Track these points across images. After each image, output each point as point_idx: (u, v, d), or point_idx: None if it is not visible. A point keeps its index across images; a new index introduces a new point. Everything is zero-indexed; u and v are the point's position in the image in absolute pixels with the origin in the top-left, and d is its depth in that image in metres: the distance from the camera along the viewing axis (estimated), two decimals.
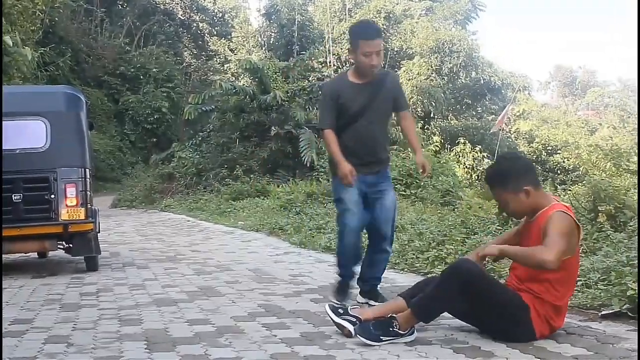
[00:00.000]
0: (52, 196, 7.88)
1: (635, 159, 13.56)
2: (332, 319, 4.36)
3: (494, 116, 35.27)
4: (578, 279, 5.06)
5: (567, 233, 3.86)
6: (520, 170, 4.10)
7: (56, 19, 33.39)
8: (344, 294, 5.27)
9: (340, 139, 5.06)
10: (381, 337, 3.98)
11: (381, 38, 5.10)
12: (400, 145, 21.54)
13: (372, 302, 5.16)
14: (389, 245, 5.31)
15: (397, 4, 35.19)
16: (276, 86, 23.32)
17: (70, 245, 8.33)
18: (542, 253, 3.78)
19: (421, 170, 5.06)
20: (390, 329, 4.00)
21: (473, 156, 30.20)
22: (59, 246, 8.45)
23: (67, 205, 7.89)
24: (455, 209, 10.88)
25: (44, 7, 22.94)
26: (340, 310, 4.44)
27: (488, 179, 4.25)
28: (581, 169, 14.98)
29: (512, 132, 35.17)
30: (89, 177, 8.19)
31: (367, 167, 5.08)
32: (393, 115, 5.35)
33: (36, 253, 9.76)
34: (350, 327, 4.18)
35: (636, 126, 16.68)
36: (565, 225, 3.89)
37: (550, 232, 3.83)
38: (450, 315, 4.40)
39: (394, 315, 4.08)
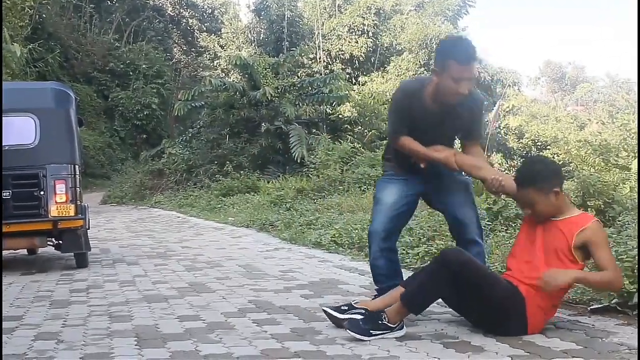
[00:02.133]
0: (42, 193, 7.86)
1: (624, 153, 13.63)
2: (337, 317, 4.27)
3: (483, 112, 35.30)
4: None
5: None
6: (552, 172, 4.14)
7: (44, 15, 33.24)
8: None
9: (393, 149, 4.63)
10: (371, 332, 3.98)
11: (477, 62, 4.44)
12: None
13: None
14: (478, 236, 4.68)
15: (387, 0, 35.20)
16: (266, 82, 23.32)
17: (60, 241, 8.32)
18: (617, 277, 3.92)
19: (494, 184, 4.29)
20: (380, 322, 4.01)
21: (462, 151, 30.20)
22: (48, 243, 8.44)
23: (56, 202, 7.87)
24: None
25: (32, 3, 22.89)
26: (344, 307, 4.35)
27: (521, 177, 4.17)
28: (571, 164, 15.00)
29: (501, 128, 35.23)
30: (78, 173, 8.17)
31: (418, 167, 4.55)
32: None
33: (25, 250, 9.74)
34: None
35: (624, 122, 16.75)
36: (606, 236, 4.11)
37: (602, 248, 3.94)
38: (441, 310, 4.41)
39: (383, 309, 4.10)
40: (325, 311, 4.40)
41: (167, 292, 6.10)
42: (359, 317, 4.12)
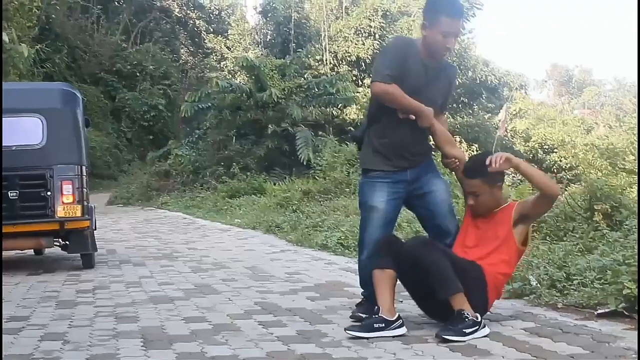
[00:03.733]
0: (49, 193, 7.86)
1: (632, 157, 13.59)
2: (375, 336, 4.03)
3: (490, 115, 35.29)
4: (574, 277, 5.09)
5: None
6: None
7: (53, 15, 33.34)
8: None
9: (379, 124, 4.53)
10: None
11: (463, 17, 4.66)
12: None
13: None
14: (452, 224, 4.65)
15: (394, 2, 35.17)
16: (273, 84, 23.33)
17: (67, 242, 8.34)
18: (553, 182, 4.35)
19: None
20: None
21: (469, 155, 30.15)
22: (55, 243, 8.46)
23: (63, 202, 7.87)
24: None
25: (40, 4, 22.94)
26: (378, 325, 4.07)
27: (472, 168, 4.38)
28: (578, 167, 14.99)
29: (508, 131, 35.21)
30: (85, 174, 8.17)
31: (408, 160, 4.51)
32: None
33: (32, 250, 9.76)
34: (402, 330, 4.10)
35: (632, 125, 16.71)
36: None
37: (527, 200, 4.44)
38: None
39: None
40: (353, 334, 4.11)
41: (173, 293, 6.11)
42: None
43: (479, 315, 4.03)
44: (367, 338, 4.00)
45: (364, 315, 4.46)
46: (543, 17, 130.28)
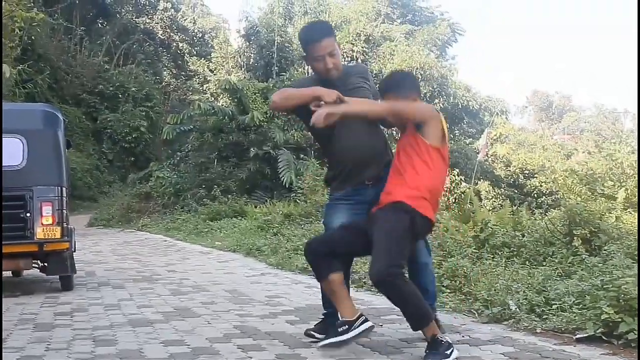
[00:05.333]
0: (28, 214, 7.81)
1: (610, 183, 13.72)
2: (344, 339, 4.06)
3: (471, 139, 35.48)
4: (553, 302, 5.12)
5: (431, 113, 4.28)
6: (413, 80, 4.60)
7: (34, 36, 33.20)
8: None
9: (323, 151, 4.66)
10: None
11: (331, 36, 4.53)
12: None
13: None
14: (426, 256, 4.65)
15: (377, 27, 35.44)
16: (255, 107, 23.38)
17: (46, 264, 8.27)
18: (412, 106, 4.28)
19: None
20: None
21: (450, 179, 30.29)
22: (33, 265, 8.38)
23: (42, 224, 7.82)
24: (432, 232, 10.89)
25: (22, 25, 22.84)
26: (342, 328, 4.07)
27: (385, 85, 4.45)
28: (558, 193, 15.10)
29: (489, 156, 35.37)
30: (65, 195, 8.13)
31: (360, 179, 4.49)
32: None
33: (10, 272, 9.66)
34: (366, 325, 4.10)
35: (610, 151, 16.86)
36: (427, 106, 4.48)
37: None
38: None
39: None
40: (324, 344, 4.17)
41: (153, 316, 6.07)
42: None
43: (446, 336, 4.06)
44: (338, 342, 4.00)
45: (316, 334, 4.57)
46: (526, 43, 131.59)
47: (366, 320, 4.10)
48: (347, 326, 4.05)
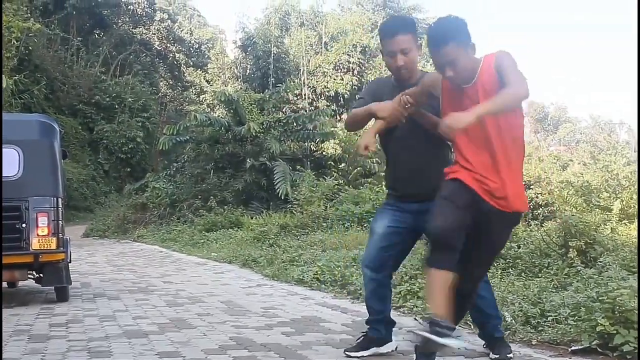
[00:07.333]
0: (24, 225, 7.80)
1: (605, 194, 13.76)
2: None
3: None
4: (548, 314, 5.13)
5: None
6: (464, 25, 3.80)
7: (31, 47, 33.28)
8: (364, 348, 4.57)
9: (386, 157, 4.62)
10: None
11: (407, 33, 4.33)
12: (375, 178, 21.65)
13: (493, 356, 4.38)
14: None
15: (373, 38, 35.57)
16: (251, 118, 23.40)
17: (41, 275, 8.24)
18: (519, 89, 3.57)
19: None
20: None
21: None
22: (29, 276, 8.37)
23: (38, 235, 7.81)
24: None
25: (19, 35, 22.90)
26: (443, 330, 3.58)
27: (438, 36, 3.77)
28: (554, 204, 15.14)
29: None
30: (61, 206, 8.12)
31: (415, 191, 4.38)
32: None
33: (5, 282, 9.64)
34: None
35: (606, 163, 16.93)
36: (512, 58, 3.71)
37: (506, 70, 3.65)
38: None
39: None
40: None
41: (148, 327, 6.06)
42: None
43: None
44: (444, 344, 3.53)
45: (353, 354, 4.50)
46: (522, 53, 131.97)
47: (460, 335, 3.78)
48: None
